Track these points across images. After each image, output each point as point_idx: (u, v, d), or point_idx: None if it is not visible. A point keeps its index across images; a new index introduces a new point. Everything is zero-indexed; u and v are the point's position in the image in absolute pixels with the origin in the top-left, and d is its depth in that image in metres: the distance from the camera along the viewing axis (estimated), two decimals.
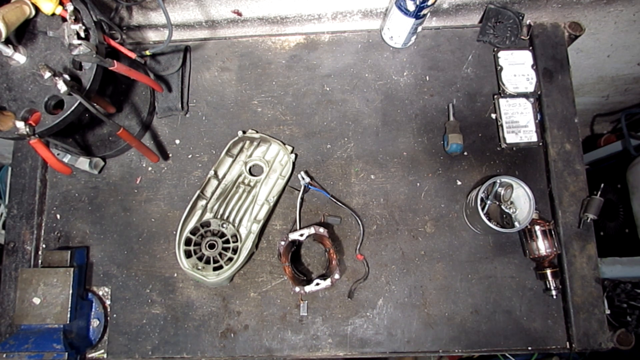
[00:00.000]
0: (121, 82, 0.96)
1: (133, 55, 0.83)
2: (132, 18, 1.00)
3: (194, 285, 0.90)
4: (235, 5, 0.98)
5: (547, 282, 0.85)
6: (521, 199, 0.86)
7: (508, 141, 0.94)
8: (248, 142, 0.94)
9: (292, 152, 0.94)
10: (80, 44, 0.69)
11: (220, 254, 0.85)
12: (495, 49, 0.99)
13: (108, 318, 0.89)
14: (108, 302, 0.90)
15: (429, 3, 0.85)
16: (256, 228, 0.88)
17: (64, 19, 0.72)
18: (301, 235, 0.85)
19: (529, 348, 0.86)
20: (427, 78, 0.99)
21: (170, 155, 0.97)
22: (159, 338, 0.88)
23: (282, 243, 0.85)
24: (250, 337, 0.88)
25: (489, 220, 0.83)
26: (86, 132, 0.93)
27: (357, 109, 0.98)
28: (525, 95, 0.96)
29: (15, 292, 0.86)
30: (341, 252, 0.91)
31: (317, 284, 0.83)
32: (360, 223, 0.91)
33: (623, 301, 1.24)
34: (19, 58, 0.72)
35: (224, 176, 0.91)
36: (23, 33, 0.73)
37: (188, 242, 0.84)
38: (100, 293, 0.90)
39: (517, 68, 0.97)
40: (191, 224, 0.87)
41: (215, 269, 0.83)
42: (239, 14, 1.01)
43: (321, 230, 0.85)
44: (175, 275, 0.91)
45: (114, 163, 0.96)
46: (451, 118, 0.95)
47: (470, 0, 0.99)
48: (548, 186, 0.93)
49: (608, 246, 1.45)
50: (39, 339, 0.79)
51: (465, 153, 0.95)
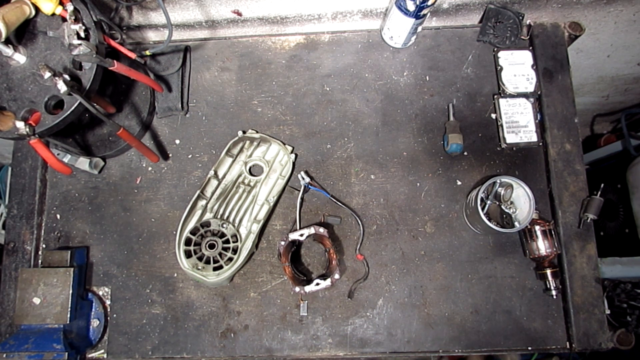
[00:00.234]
0: (121, 82, 0.96)
1: (133, 55, 0.83)
2: (132, 18, 1.00)
3: (194, 285, 0.90)
4: (235, 5, 0.98)
5: (547, 282, 0.85)
6: (521, 199, 0.86)
7: (508, 141, 0.94)
8: (248, 142, 0.94)
9: (292, 152, 0.94)
10: (80, 44, 0.69)
11: (220, 254, 0.85)
12: (495, 49, 0.99)
13: (108, 318, 0.89)
14: (108, 302, 0.90)
15: (429, 3, 0.85)
16: (256, 228, 0.88)
17: (64, 19, 0.72)
18: (301, 235, 0.85)
19: (529, 348, 0.86)
20: (427, 78, 0.99)
21: (170, 155, 0.97)
22: (159, 338, 0.88)
23: (282, 243, 0.85)
24: (250, 337, 0.88)
25: (489, 220, 0.83)
26: (86, 132, 0.93)
27: (357, 109, 0.98)
28: (525, 95, 0.96)
29: (15, 292, 0.86)
30: (341, 252, 0.91)
31: (317, 284, 0.83)
32: (360, 223, 0.91)
33: (623, 301, 1.24)
34: (19, 58, 0.72)
35: (224, 176, 0.91)
36: (23, 33, 0.73)
37: (188, 242, 0.84)
38: (100, 293, 0.90)
39: (517, 68, 0.97)
40: (191, 224, 0.87)
41: (215, 269, 0.83)
42: (239, 14, 1.01)
43: (321, 230, 0.85)
44: (175, 275, 0.91)
45: (114, 163, 0.97)
46: (451, 118, 0.95)
47: (470, 0, 0.99)
48: (548, 186, 0.93)
49: (608, 246, 1.45)
50: (39, 339, 0.79)
51: (465, 153, 0.95)
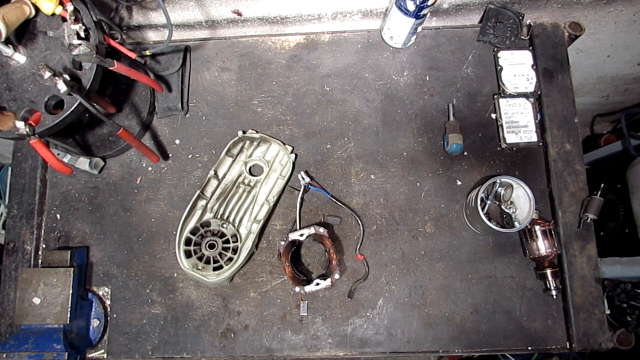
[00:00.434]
0: (121, 82, 0.96)
1: (133, 55, 0.83)
2: (132, 18, 1.00)
3: (194, 285, 0.90)
4: (235, 5, 0.98)
5: (547, 282, 0.85)
6: (521, 199, 0.86)
7: (508, 141, 0.94)
8: (248, 142, 0.94)
9: (292, 152, 0.94)
10: (80, 44, 0.69)
11: (220, 254, 0.85)
12: (495, 49, 0.99)
13: (108, 318, 0.89)
14: (108, 302, 0.90)
15: (429, 3, 0.85)
16: (256, 228, 0.88)
17: (64, 19, 0.72)
18: (301, 235, 0.85)
19: (529, 348, 0.86)
20: (427, 78, 0.99)
21: (170, 155, 0.97)
22: (159, 338, 0.88)
23: (282, 243, 0.85)
24: (250, 337, 0.88)
25: (489, 220, 0.83)
26: (86, 132, 0.93)
27: (357, 109, 0.98)
28: (525, 95, 0.96)
29: (15, 292, 0.86)
30: (341, 252, 0.91)
31: (317, 284, 0.83)
32: (360, 223, 0.91)
33: (623, 301, 1.24)
34: (19, 58, 0.72)
35: (224, 176, 0.91)
36: (23, 33, 0.73)
37: (188, 242, 0.84)
38: (100, 293, 0.90)
39: (517, 68, 0.97)
40: (191, 224, 0.87)
41: (215, 269, 0.83)
42: (239, 14, 1.01)
43: (321, 230, 0.85)
44: (175, 275, 0.91)
45: (114, 163, 0.97)
46: (451, 118, 0.95)
47: (470, 0, 0.99)
48: (548, 186, 0.93)
49: (608, 246, 1.45)
50: (39, 339, 0.79)
51: (465, 153, 0.95)
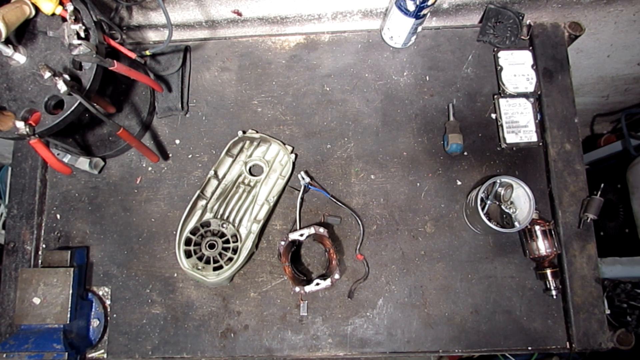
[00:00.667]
0: (121, 82, 0.96)
1: (133, 55, 0.83)
2: (132, 18, 1.00)
3: (194, 285, 0.90)
4: (235, 5, 0.98)
5: (547, 282, 0.85)
6: (521, 199, 0.86)
7: (508, 141, 0.94)
8: (248, 142, 0.94)
9: (292, 152, 0.94)
10: (80, 44, 0.69)
11: (220, 254, 0.85)
12: (495, 49, 0.99)
13: (108, 318, 0.89)
14: (108, 302, 0.90)
15: (429, 3, 0.85)
16: (256, 228, 0.88)
17: (64, 19, 0.72)
18: (301, 235, 0.85)
19: (529, 348, 0.86)
20: (427, 78, 0.99)
21: (170, 155, 0.97)
22: (159, 338, 0.88)
23: (282, 243, 0.85)
24: (250, 337, 0.88)
25: (489, 220, 0.83)
26: (86, 132, 0.93)
27: (357, 109, 0.98)
28: (525, 95, 0.96)
29: (15, 292, 0.86)
30: (341, 252, 0.91)
31: (317, 284, 0.83)
32: (360, 223, 0.91)
33: (623, 301, 1.24)
34: (19, 58, 0.72)
35: (224, 176, 0.91)
36: (23, 33, 0.73)
37: (188, 242, 0.84)
38: (100, 293, 0.90)
39: (517, 68, 0.97)
40: (191, 224, 0.87)
41: (215, 269, 0.83)
42: (239, 14, 1.01)
43: (321, 230, 0.85)
44: (175, 275, 0.91)
45: (114, 163, 0.96)
46: (451, 118, 0.95)
47: (470, 0, 0.99)
48: (548, 186, 0.93)
49: (608, 246, 1.45)
50: (39, 339, 0.79)
51: (465, 153, 0.95)
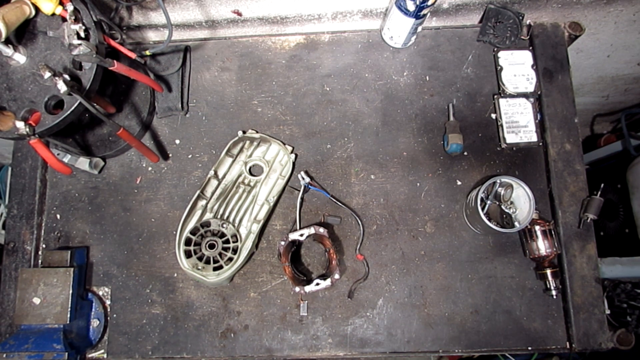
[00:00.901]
0: (121, 82, 0.96)
1: (133, 55, 0.83)
2: (132, 18, 1.00)
3: (194, 285, 0.90)
4: (235, 5, 0.98)
5: (547, 282, 0.85)
6: (521, 199, 0.86)
7: (508, 141, 0.94)
8: (248, 142, 0.94)
9: (292, 152, 0.94)
10: (80, 44, 0.69)
11: (220, 254, 0.84)
12: (495, 49, 0.99)
13: (108, 318, 0.89)
14: (108, 302, 0.90)
15: (429, 3, 0.85)
16: (256, 228, 0.88)
17: (64, 19, 0.72)
18: (301, 235, 0.85)
19: (529, 348, 0.86)
20: (427, 78, 0.99)
21: (170, 155, 0.97)
22: (159, 338, 0.88)
23: (282, 243, 0.85)
24: (250, 337, 0.88)
25: (489, 220, 0.83)
26: (86, 132, 0.93)
27: (357, 109, 0.98)
28: (525, 95, 0.96)
29: (15, 292, 0.86)
30: (341, 252, 0.91)
31: (317, 284, 0.83)
32: (360, 223, 0.91)
33: (623, 301, 1.24)
34: (19, 58, 0.72)
35: (224, 176, 0.91)
36: (23, 33, 0.73)
37: (188, 242, 0.84)
38: (100, 293, 0.90)
39: (517, 68, 0.97)
40: (191, 224, 0.87)
41: (215, 269, 0.83)
42: (239, 14, 1.01)
43: (321, 230, 0.85)
44: (175, 275, 0.91)
45: (114, 163, 0.96)
46: (451, 118, 0.95)
47: (470, 0, 0.99)
48: (548, 186, 0.93)
49: (608, 246, 1.45)
50: (39, 339, 0.79)
51: (465, 153, 0.95)
